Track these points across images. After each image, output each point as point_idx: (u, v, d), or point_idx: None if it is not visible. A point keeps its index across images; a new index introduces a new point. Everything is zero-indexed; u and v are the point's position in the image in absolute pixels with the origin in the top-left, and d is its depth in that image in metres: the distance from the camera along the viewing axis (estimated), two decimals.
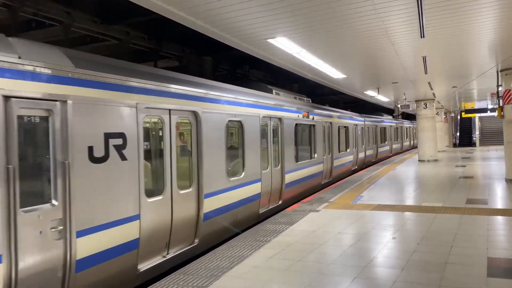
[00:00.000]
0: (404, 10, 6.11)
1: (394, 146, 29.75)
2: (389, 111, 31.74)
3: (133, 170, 5.40)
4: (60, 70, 4.52)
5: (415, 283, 4.69)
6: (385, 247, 6.16)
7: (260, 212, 9.32)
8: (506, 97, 12.10)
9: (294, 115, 11.46)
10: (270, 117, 9.98)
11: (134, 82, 5.55)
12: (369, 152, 21.70)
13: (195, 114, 6.85)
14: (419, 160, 21.53)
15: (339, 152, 16.06)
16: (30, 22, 8.45)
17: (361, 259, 5.62)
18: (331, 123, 15.05)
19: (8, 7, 7.24)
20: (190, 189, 6.68)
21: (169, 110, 6.26)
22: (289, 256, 5.85)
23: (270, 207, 9.89)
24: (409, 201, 10.01)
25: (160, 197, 5.95)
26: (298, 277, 5.00)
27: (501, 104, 12.50)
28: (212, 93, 7.39)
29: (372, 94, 18.44)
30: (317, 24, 6.67)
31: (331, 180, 14.82)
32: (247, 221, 8.70)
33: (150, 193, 5.78)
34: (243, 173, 8.45)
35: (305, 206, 9.55)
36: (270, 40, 7.60)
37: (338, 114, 16.34)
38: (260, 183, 9.22)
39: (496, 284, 4.58)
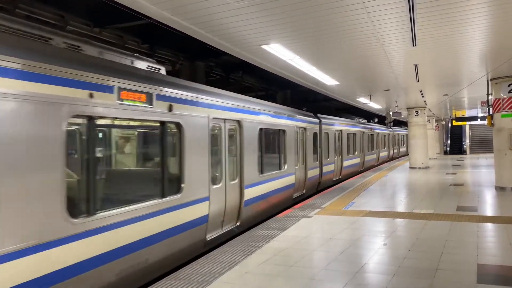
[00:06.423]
0: (397, 19, 6.18)
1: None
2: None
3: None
4: None
5: None
6: (376, 253, 6.18)
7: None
8: (496, 105, 12.26)
9: None
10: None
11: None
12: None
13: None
14: (410, 167, 21.68)
15: None
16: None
17: (352, 265, 5.63)
18: None
19: (1, 9, 7.19)
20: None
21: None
22: (280, 262, 5.84)
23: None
24: (400, 207, 10.07)
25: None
26: (289, 283, 5.00)
27: (491, 113, 12.64)
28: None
29: (364, 101, 18.57)
30: (311, 31, 6.72)
31: None
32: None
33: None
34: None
35: (297, 212, 9.55)
36: (263, 46, 7.63)
37: None
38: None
39: None
